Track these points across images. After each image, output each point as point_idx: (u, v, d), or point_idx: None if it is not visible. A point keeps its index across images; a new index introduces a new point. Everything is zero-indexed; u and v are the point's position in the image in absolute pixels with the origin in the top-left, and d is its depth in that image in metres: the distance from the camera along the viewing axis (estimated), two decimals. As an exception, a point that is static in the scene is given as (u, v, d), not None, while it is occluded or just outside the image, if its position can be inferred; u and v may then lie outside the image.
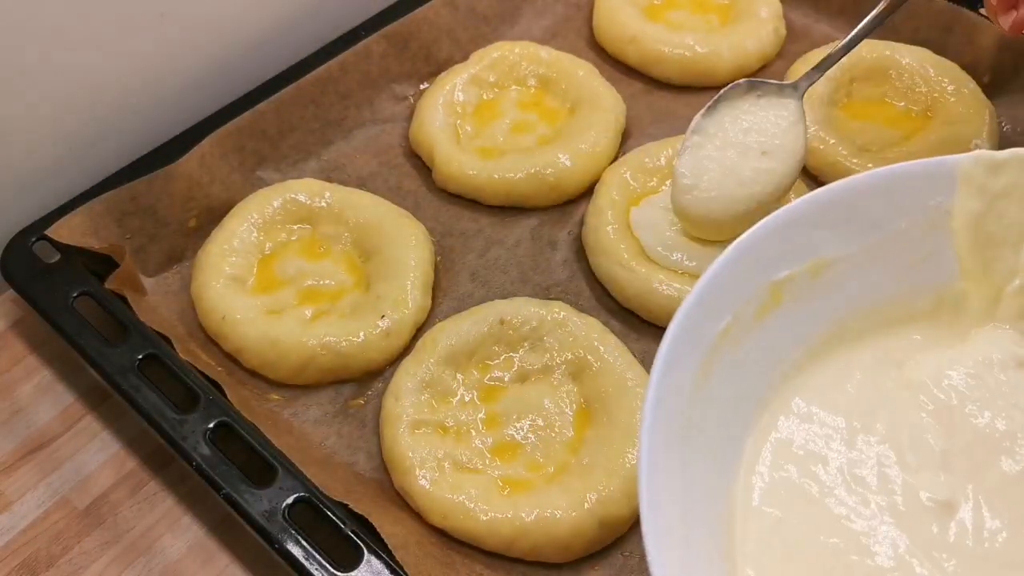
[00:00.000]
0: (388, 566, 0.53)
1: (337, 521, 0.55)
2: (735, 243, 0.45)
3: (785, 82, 0.68)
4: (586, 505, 0.55)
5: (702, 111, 0.67)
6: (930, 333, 0.50)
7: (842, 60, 0.68)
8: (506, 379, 0.63)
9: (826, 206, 0.47)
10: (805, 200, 0.47)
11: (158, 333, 0.63)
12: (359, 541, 0.54)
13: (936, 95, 0.77)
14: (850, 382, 0.48)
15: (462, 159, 0.73)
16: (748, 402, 0.46)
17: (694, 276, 0.66)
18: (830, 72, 0.70)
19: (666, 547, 0.38)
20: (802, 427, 0.46)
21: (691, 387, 0.43)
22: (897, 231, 0.49)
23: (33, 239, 0.67)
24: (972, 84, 0.77)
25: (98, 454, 0.62)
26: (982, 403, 0.47)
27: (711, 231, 0.67)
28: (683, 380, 0.43)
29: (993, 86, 0.79)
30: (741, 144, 0.66)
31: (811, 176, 0.75)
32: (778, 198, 0.68)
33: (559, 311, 0.64)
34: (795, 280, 0.47)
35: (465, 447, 0.59)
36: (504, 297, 0.67)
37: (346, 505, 0.55)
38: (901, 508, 0.44)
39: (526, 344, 0.63)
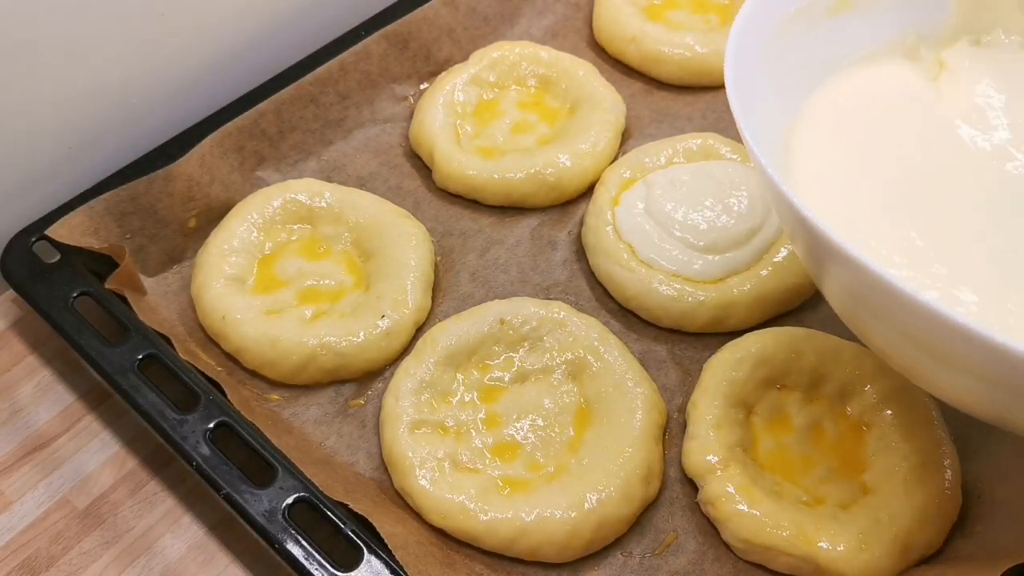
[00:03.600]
0: (388, 566, 0.53)
1: (337, 521, 0.55)
2: None
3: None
4: (586, 505, 0.55)
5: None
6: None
7: None
8: (506, 379, 0.63)
9: None
10: None
11: (158, 333, 0.63)
12: (359, 541, 0.54)
13: None
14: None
15: (462, 159, 0.73)
16: (811, 71, 0.55)
17: (691, 279, 0.66)
18: None
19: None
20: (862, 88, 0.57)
21: (770, 36, 0.52)
22: None
23: (33, 239, 0.67)
24: None
25: (98, 454, 0.62)
26: None
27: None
28: (766, 25, 0.52)
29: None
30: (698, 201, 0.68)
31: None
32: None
33: (559, 311, 0.64)
34: None
35: (465, 447, 0.59)
36: (504, 297, 0.67)
37: (346, 505, 0.55)
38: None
39: (526, 344, 0.63)
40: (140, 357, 0.61)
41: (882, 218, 0.50)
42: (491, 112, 0.79)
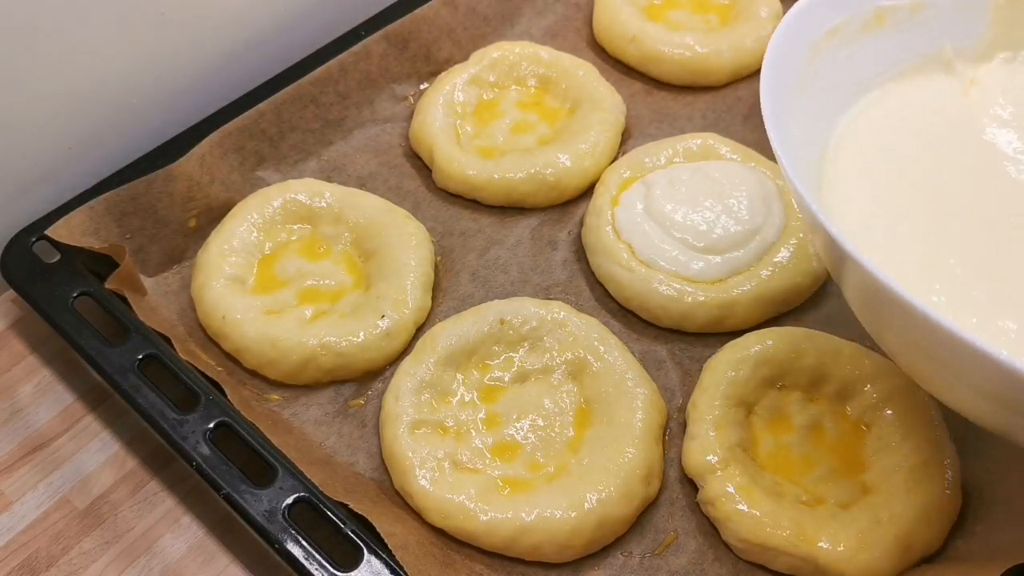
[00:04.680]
0: (388, 566, 0.53)
1: (337, 521, 0.55)
2: None
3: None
4: (586, 505, 0.55)
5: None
6: None
7: None
8: (506, 379, 0.63)
9: None
10: None
11: (158, 333, 0.63)
12: (359, 541, 0.54)
13: None
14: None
15: (462, 159, 0.73)
16: (845, 91, 0.55)
17: (691, 279, 0.66)
18: None
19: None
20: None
21: (802, 60, 0.52)
22: None
23: (33, 239, 0.67)
24: None
25: (98, 454, 0.62)
26: None
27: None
28: (797, 50, 0.52)
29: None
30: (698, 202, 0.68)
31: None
32: (765, 197, 0.69)
33: (559, 311, 0.64)
34: (898, 10, 0.56)
35: (465, 447, 0.59)
36: (504, 297, 0.67)
37: (346, 505, 0.55)
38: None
39: (526, 344, 0.63)
40: (140, 357, 0.61)
41: (920, 244, 0.50)
42: (491, 112, 0.79)
